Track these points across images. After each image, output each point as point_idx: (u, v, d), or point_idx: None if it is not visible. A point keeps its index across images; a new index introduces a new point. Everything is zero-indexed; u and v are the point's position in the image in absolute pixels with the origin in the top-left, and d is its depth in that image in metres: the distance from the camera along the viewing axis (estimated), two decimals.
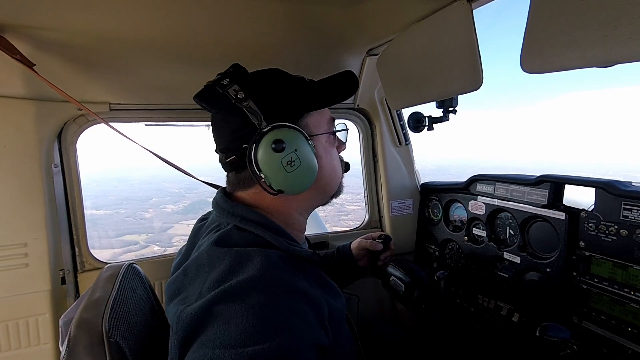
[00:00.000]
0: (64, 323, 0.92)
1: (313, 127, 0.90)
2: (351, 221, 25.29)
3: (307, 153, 0.84)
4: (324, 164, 0.90)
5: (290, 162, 0.81)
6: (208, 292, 0.67)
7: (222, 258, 0.73)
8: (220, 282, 0.68)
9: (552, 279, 1.24)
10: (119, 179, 57.14)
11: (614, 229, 1.08)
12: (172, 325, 0.71)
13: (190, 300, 0.71)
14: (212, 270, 0.72)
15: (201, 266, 0.76)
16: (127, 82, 1.37)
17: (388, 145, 1.83)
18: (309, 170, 0.84)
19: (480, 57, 0.96)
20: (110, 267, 1.03)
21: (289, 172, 0.81)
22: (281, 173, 0.81)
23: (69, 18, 0.99)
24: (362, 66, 1.57)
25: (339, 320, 0.83)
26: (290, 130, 0.82)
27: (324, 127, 0.94)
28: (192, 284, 0.75)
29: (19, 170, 1.30)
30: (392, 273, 1.38)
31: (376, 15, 1.17)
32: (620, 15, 0.64)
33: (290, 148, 0.80)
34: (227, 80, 0.82)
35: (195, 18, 1.07)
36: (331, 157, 0.95)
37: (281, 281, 0.69)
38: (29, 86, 1.23)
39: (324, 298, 0.76)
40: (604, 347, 1.11)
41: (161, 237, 26.19)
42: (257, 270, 0.68)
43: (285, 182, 0.82)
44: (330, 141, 0.96)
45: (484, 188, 1.51)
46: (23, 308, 1.34)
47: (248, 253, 0.73)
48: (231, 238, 0.80)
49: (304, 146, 0.83)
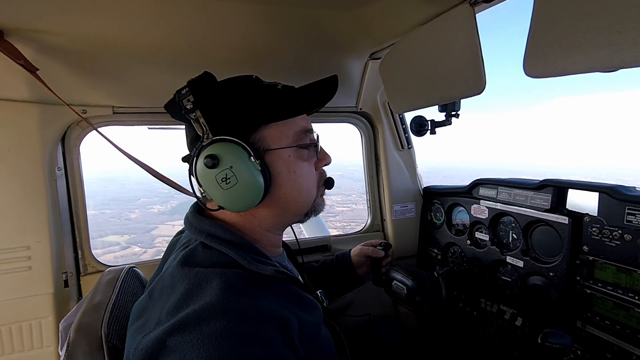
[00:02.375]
0: (64, 327, 0.93)
1: (271, 140, 0.83)
2: (338, 222, 25.26)
3: (246, 170, 0.77)
4: (282, 181, 0.84)
5: (224, 179, 0.77)
6: (166, 318, 0.65)
7: (182, 280, 0.70)
8: (178, 308, 0.65)
9: (556, 284, 1.23)
10: (108, 179, 57.10)
11: (618, 233, 1.07)
12: (129, 356, 0.68)
13: (149, 327, 0.67)
14: (172, 293, 0.69)
15: (164, 288, 0.73)
16: (130, 85, 1.38)
17: (390, 148, 1.83)
18: (248, 188, 0.78)
19: (483, 60, 0.96)
20: (110, 271, 1.04)
21: (224, 189, 0.77)
22: (217, 190, 0.78)
23: (73, 23, 1.00)
24: (365, 70, 1.57)
25: (314, 332, 0.80)
26: (229, 145, 0.78)
27: (288, 140, 0.85)
28: (154, 307, 0.72)
29: (22, 173, 1.30)
30: (394, 277, 1.38)
31: (379, 19, 1.18)
32: (623, 19, 0.63)
33: (224, 164, 0.76)
34: (186, 90, 0.79)
35: (197, 22, 1.07)
36: (295, 173, 0.86)
37: (240, 306, 0.65)
38: (32, 90, 1.24)
39: (294, 314, 0.74)
40: (608, 352, 1.10)
41: (143, 238, 26.11)
42: (215, 296, 0.65)
43: (223, 199, 0.79)
44: (299, 155, 0.87)
45: (487, 192, 1.50)
46: (26, 311, 1.34)
47: (207, 275, 0.70)
48: (195, 257, 0.76)
49: (242, 162, 0.77)
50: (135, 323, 0.72)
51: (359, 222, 2.08)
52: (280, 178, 0.84)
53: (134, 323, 0.73)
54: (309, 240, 1.79)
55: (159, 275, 0.80)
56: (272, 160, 0.82)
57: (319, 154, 0.94)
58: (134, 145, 25.06)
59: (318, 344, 0.83)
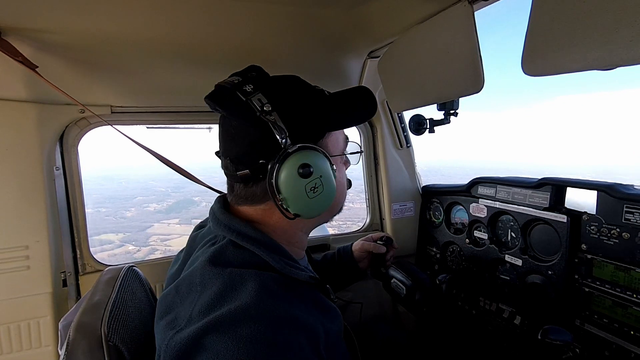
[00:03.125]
0: (63, 326, 0.92)
1: (332, 147, 0.84)
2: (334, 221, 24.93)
3: (331, 178, 0.78)
4: (337, 186, 0.84)
5: (314, 188, 0.75)
6: (198, 316, 0.65)
7: (215, 279, 0.69)
8: (211, 307, 0.65)
9: (554, 282, 1.23)
10: (105, 177, 56.94)
11: (616, 231, 1.07)
12: (159, 352, 0.68)
13: (179, 323, 0.67)
14: (204, 291, 0.69)
15: (193, 285, 0.72)
16: (129, 84, 1.38)
17: (389, 147, 1.83)
18: (330, 196, 0.79)
19: (482, 59, 0.96)
20: (110, 270, 1.03)
21: (310, 198, 0.75)
22: (302, 198, 0.75)
23: (71, 21, 1.00)
24: (363, 68, 1.57)
25: (335, 342, 0.79)
26: (317, 154, 0.76)
27: (340, 148, 0.88)
28: (183, 303, 0.71)
29: (20, 172, 1.30)
30: (393, 275, 1.38)
31: (377, 18, 1.18)
32: (621, 18, 0.63)
33: (316, 173, 0.74)
34: (251, 88, 0.74)
35: (196, 20, 1.07)
36: (343, 178, 0.90)
37: (275, 311, 0.64)
38: (31, 89, 1.24)
39: (321, 322, 0.72)
40: (607, 350, 1.10)
41: (138, 237, 25.95)
42: (251, 298, 0.64)
43: (305, 207, 0.76)
44: (343, 160, 0.91)
45: (486, 191, 1.50)
46: (25, 310, 1.34)
47: (242, 276, 0.69)
48: (226, 256, 0.75)
49: (328, 171, 0.77)
50: (165, 318, 0.72)
51: (354, 221, 2.08)
52: (336, 183, 0.84)
53: (163, 318, 0.72)
54: (308, 240, 1.79)
55: (187, 270, 0.78)
56: None
57: (347, 158, 0.96)
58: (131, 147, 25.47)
59: (339, 352, 0.81)
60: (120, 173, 51.66)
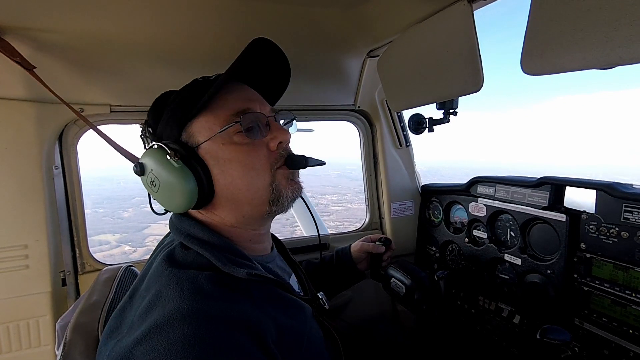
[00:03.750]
0: (60, 327, 0.92)
1: (199, 134, 0.79)
2: (332, 222, 25.11)
3: (164, 170, 0.77)
4: (216, 173, 0.78)
5: (152, 183, 0.80)
6: (138, 322, 0.64)
7: (156, 282, 0.69)
8: (146, 312, 0.64)
9: (553, 281, 1.23)
10: (103, 177, 56.79)
11: (615, 231, 1.07)
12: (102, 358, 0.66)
13: (122, 331, 0.67)
14: (146, 295, 0.68)
15: (142, 290, 0.72)
16: (128, 84, 1.38)
17: (389, 146, 1.83)
18: (171, 187, 0.76)
19: (481, 58, 0.96)
20: (107, 270, 1.03)
21: (156, 192, 0.80)
22: (153, 194, 0.83)
23: (69, 21, 1.00)
24: (363, 67, 1.57)
25: (297, 339, 0.77)
26: (151, 150, 0.80)
27: (216, 129, 0.78)
28: (131, 307, 0.71)
29: (19, 172, 1.30)
30: (392, 275, 1.38)
31: (377, 17, 1.17)
32: (620, 16, 0.63)
33: (147, 169, 0.81)
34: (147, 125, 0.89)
35: (194, 20, 1.07)
36: (226, 161, 0.79)
37: (209, 311, 0.63)
38: (29, 88, 1.24)
39: (272, 317, 0.71)
40: (606, 349, 1.10)
41: (135, 237, 26.03)
42: (181, 300, 0.63)
43: (161, 201, 0.83)
44: (231, 140, 0.79)
45: (485, 190, 1.50)
46: (24, 310, 1.34)
47: (179, 277, 0.68)
48: (173, 258, 0.75)
49: (159, 163, 0.77)
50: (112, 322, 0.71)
51: (352, 222, 2.08)
52: (215, 170, 0.79)
53: (113, 320, 0.71)
54: (307, 239, 1.79)
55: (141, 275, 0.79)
56: (203, 154, 0.79)
57: (271, 131, 0.83)
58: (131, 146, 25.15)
59: (302, 348, 0.78)
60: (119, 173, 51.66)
